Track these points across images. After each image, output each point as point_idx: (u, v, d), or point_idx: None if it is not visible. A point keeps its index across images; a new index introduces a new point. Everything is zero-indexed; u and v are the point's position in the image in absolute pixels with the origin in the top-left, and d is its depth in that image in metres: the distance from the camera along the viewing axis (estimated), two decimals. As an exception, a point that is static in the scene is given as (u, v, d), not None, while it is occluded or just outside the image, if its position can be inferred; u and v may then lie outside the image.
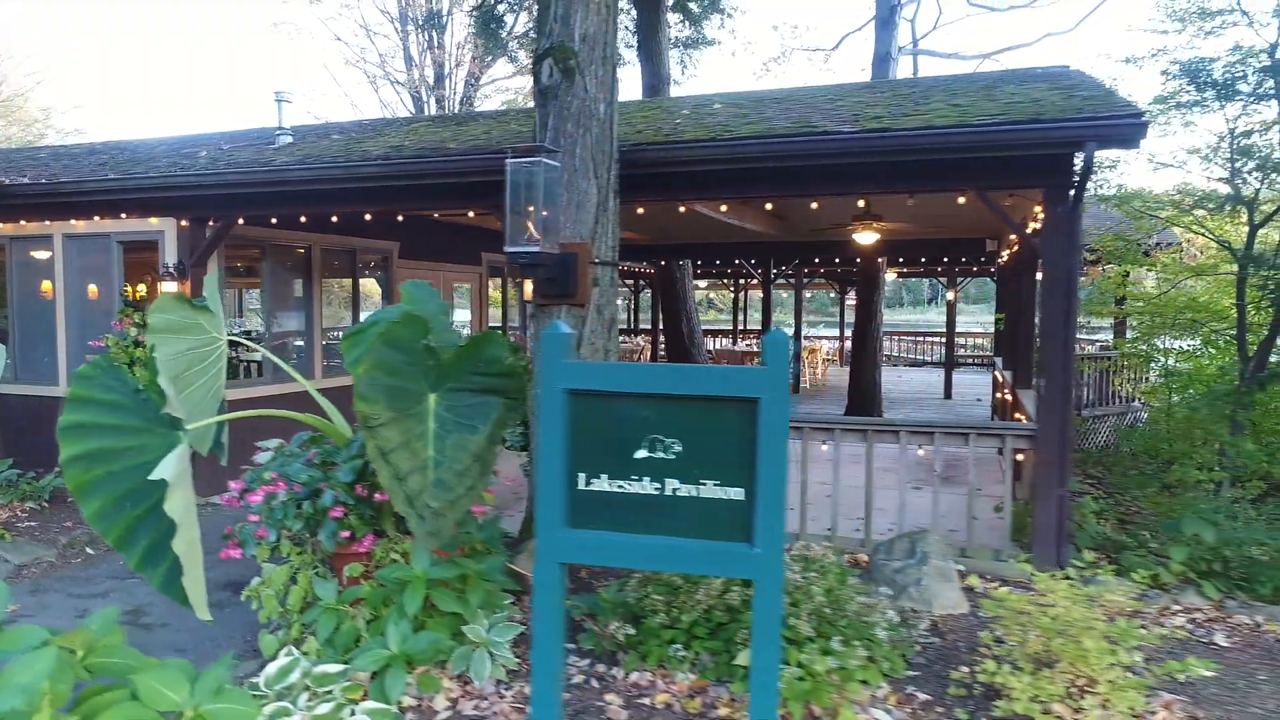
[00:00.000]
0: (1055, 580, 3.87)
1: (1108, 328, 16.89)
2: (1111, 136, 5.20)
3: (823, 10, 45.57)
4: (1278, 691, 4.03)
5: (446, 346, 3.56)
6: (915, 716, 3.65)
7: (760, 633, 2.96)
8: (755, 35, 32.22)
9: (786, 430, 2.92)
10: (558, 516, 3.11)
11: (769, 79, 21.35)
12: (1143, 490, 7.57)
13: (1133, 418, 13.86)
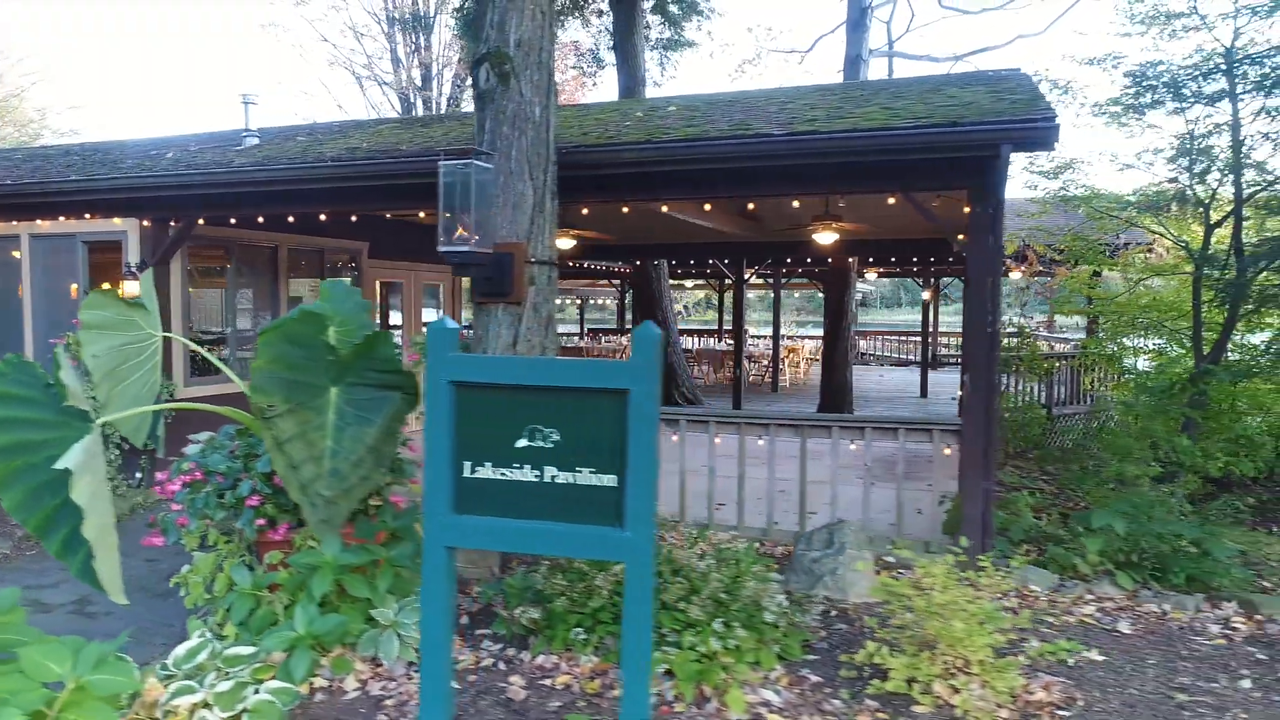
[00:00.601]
0: (934, 565, 4.02)
1: (1082, 327, 17.03)
2: (1026, 139, 5.37)
3: (798, 13, 45.81)
4: (1161, 674, 4.19)
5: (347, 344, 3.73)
6: (803, 696, 3.81)
7: (631, 612, 3.12)
8: (733, 37, 32.44)
9: (656, 420, 3.07)
10: (444, 503, 3.27)
11: (744, 80, 21.52)
12: (1085, 486, 7.72)
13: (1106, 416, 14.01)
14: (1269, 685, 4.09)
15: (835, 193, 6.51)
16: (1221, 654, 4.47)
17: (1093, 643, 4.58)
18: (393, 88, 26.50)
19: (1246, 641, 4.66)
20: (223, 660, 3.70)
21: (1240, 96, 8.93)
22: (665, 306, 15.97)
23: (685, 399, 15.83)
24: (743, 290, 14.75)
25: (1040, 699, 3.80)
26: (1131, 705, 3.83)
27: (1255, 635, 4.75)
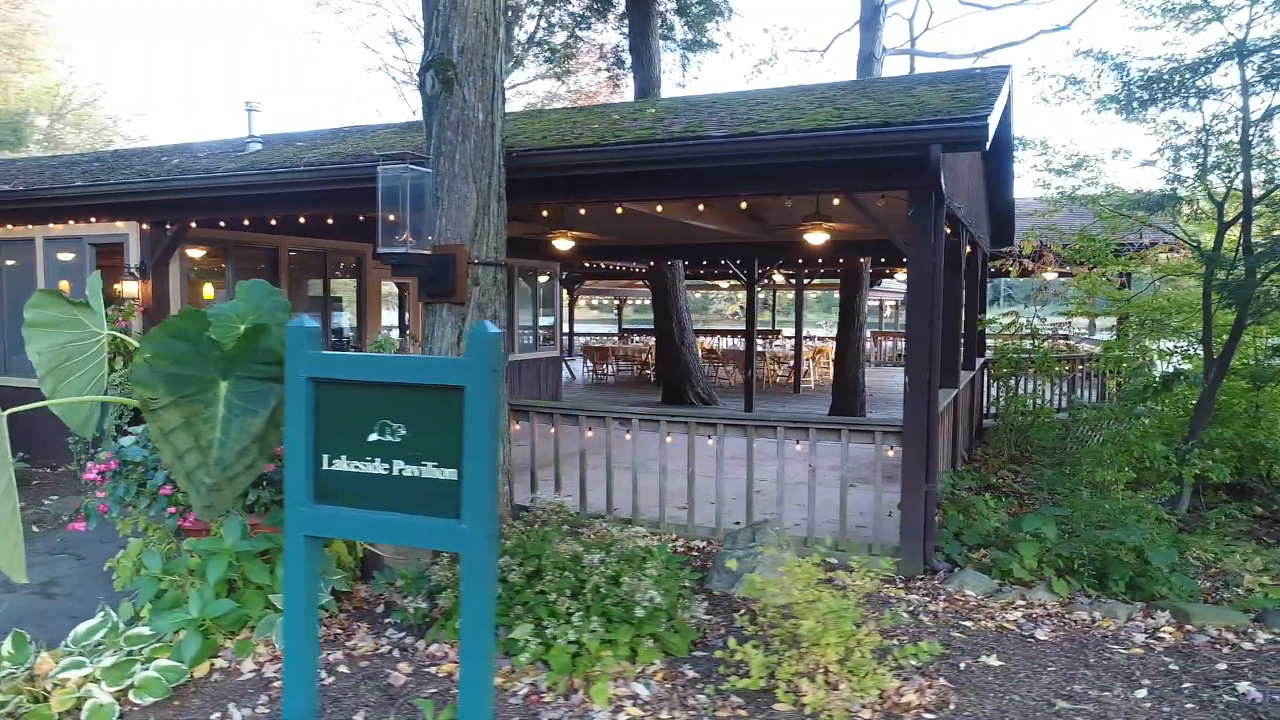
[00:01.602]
0: (801, 563, 4.03)
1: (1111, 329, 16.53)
2: (957, 139, 5.32)
3: (816, 12, 45.31)
4: (1055, 682, 4.13)
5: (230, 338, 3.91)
6: (674, 690, 3.87)
7: (469, 604, 3.22)
8: (753, 38, 32.46)
9: (490, 416, 3.16)
10: (304, 493, 3.42)
11: (759, 80, 21.40)
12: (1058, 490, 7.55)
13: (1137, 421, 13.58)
14: (1165, 696, 4.00)
15: (783, 194, 6.51)
16: (1132, 663, 4.39)
17: (1002, 649, 4.53)
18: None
19: (1166, 651, 4.55)
20: (125, 640, 3.92)
21: (1254, 90, 8.63)
22: (680, 307, 16.02)
23: (700, 399, 15.86)
24: (754, 291, 14.71)
25: (910, 701, 3.79)
26: (1004, 711, 3.79)
27: (1177, 645, 4.63)
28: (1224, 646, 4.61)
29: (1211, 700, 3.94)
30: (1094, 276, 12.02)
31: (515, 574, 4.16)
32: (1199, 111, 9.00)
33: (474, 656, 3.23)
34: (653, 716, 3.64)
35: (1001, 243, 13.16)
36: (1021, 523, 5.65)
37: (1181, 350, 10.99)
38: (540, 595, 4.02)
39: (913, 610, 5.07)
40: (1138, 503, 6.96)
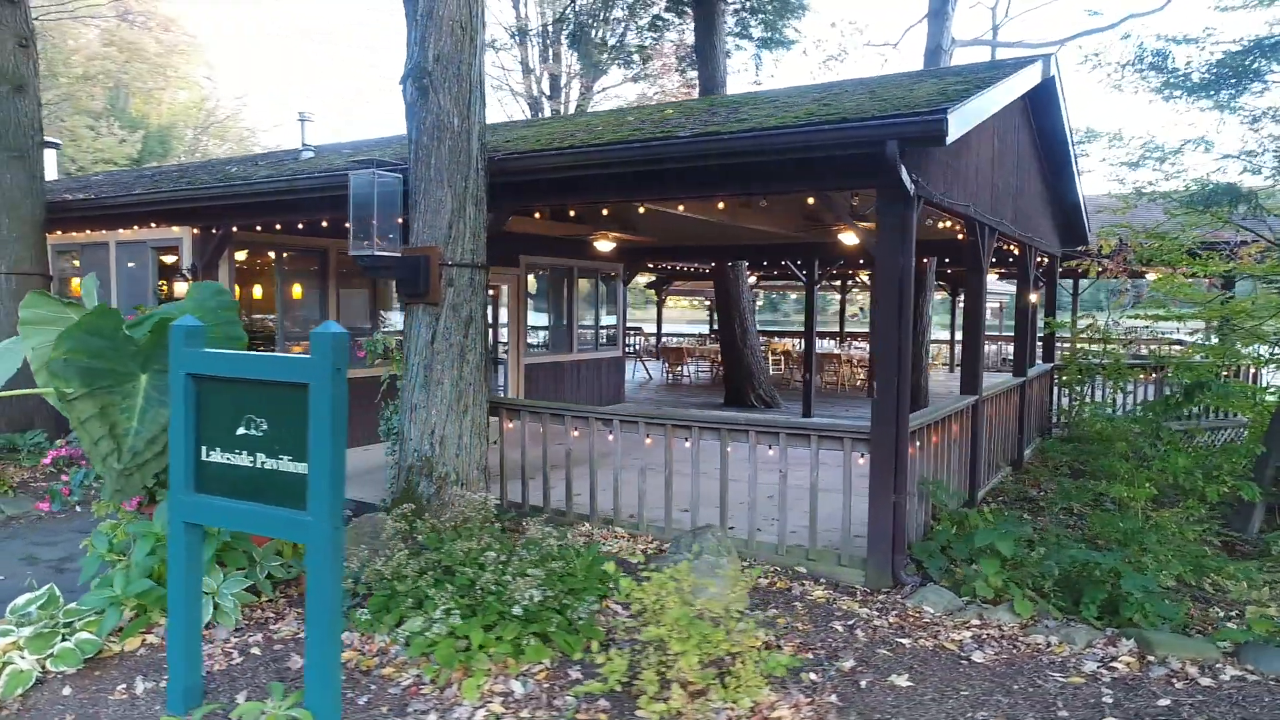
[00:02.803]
0: (664, 572, 3.95)
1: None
2: (915, 135, 5.08)
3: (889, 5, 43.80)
4: (959, 708, 3.90)
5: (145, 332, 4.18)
6: (549, 690, 3.88)
7: (314, 593, 3.36)
8: (826, 34, 32.07)
9: (332, 412, 3.28)
10: (186, 483, 3.64)
11: (827, 75, 20.98)
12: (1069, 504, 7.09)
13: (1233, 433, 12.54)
14: (1076, 729, 3.73)
15: (753, 194, 6.37)
16: (1063, 693, 4.09)
17: (923, 670, 4.32)
18: (523, 96, 27.72)
19: (1111, 683, 4.22)
20: (63, 614, 4.26)
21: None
22: (743, 308, 15.86)
23: (762, 401, 15.67)
24: (813, 292, 14.39)
25: (783, 716, 3.67)
26: (879, 732, 3.62)
27: (1126, 677, 4.29)
28: (1179, 681, 4.24)
29: (1125, 738, 3.64)
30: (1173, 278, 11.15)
31: (410, 568, 4.27)
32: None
33: (318, 644, 3.35)
34: (514, 714, 3.68)
35: (1073, 242, 12.40)
36: (974, 538, 5.34)
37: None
38: (429, 590, 4.11)
39: (851, 625, 4.89)
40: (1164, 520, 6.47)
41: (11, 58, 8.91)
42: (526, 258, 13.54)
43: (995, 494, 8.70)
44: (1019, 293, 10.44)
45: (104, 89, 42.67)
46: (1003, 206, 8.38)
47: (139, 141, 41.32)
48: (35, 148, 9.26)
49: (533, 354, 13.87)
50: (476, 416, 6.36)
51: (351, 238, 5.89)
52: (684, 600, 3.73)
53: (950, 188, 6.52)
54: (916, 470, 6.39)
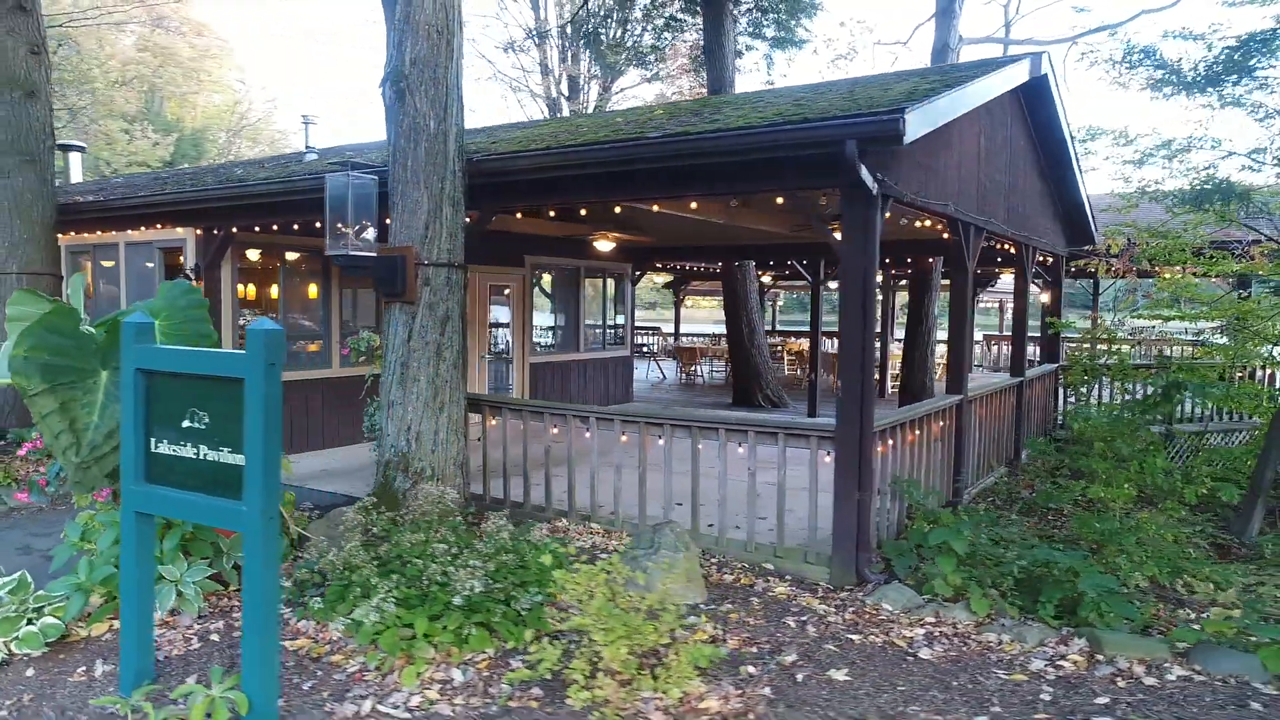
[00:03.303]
0: (597, 564, 4.02)
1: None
2: (873, 135, 5.11)
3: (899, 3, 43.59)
4: (892, 702, 3.93)
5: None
6: (488, 678, 3.97)
7: (250, 580, 3.49)
8: (837, 33, 32.18)
9: (266, 406, 3.40)
10: (136, 473, 3.79)
11: (836, 73, 20.96)
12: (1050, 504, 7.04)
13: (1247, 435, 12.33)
14: (1005, 725, 3.75)
15: (722, 194, 6.42)
16: (1001, 690, 4.11)
17: (865, 665, 4.35)
18: (542, 98, 27.90)
19: (1053, 681, 4.23)
20: (34, 599, 4.43)
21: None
22: (750, 308, 15.87)
23: (769, 401, 15.68)
24: (819, 292, 14.37)
25: (710, 707, 3.73)
26: (799, 717, 3.67)
27: (1070, 676, 4.29)
28: (1123, 680, 4.24)
29: (1052, 735, 3.66)
30: (1178, 278, 11.00)
31: (362, 558, 4.39)
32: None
33: (253, 628, 3.48)
34: (448, 700, 3.78)
35: (1079, 241, 12.26)
36: (927, 536, 5.35)
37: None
38: (374, 579, 4.22)
39: (804, 621, 4.93)
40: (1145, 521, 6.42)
41: (24, 64, 9.21)
42: (532, 258, 13.68)
43: (987, 494, 8.66)
44: (1016, 293, 10.37)
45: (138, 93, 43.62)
46: (992, 205, 8.34)
47: (172, 144, 42.20)
48: (47, 152, 9.55)
49: (540, 353, 14.00)
50: (453, 413, 6.48)
51: (328, 238, 6.04)
52: (614, 591, 3.81)
53: (925, 186, 6.52)
54: (889, 469, 6.40)
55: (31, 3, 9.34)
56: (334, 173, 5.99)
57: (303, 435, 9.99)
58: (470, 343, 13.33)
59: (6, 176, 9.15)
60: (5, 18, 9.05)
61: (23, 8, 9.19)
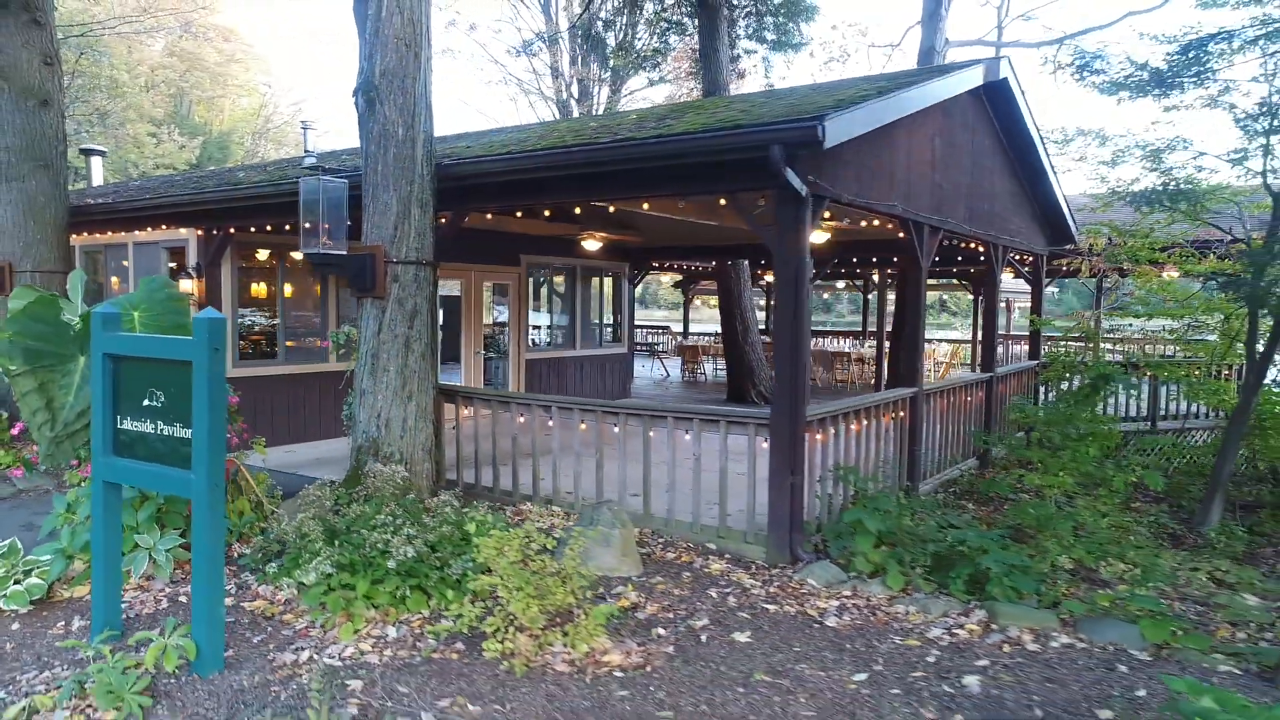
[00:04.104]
0: (512, 531, 4.42)
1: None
2: (795, 140, 5.45)
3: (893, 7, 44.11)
4: (781, 660, 4.30)
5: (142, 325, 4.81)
6: (419, 634, 4.39)
7: (198, 543, 3.93)
8: (834, 35, 32.82)
9: (210, 385, 3.85)
10: (104, 447, 4.25)
11: (828, 75, 21.30)
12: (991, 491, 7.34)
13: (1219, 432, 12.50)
14: (883, 681, 4.10)
15: (669, 195, 6.79)
16: (891, 652, 4.46)
17: (769, 630, 4.72)
18: (553, 100, 28.38)
19: (945, 647, 4.57)
20: (23, 563, 4.92)
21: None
22: (744, 306, 16.23)
23: (762, 398, 15.99)
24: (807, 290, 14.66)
25: (612, 660, 4.13)
26: (695, 675, 4.05)
27: (962, 641, 4.64)
28: (1008, 646, 4.58)
29: (922, 688, 4.01)
30: (1152, 276, 11.22)
31: (314, 529, 4.83)
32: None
33: (201, 582, 3.93)
34: (379, 652, 4.20)
35: (1060, 241, 12.49)
36: (844, 516, 5.70)
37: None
38: (319, 545, 4.66)
39: (726, 592, 5.30)
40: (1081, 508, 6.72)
41: (38, 75, 9.78)
42: (528, 257, 14.13)
43: (948, 485, 8.97)
44: (987, 291, 10.64)
45: (166, 97, 44.74)
46: (951, 205, 8.64)
47: (198, 147, 43.26)
48: (59, 157, 10.12)
49: (536, 350, 14.44)
50: (421, 402, 6.92)
51: (302, 237, 6.51)
52: (527, 555, 4.21)
53: (868, 188, 6.85)
54: (830, 456, 6.75)
55: (45, 16, 9.92)
56: (308, 177, 6.46)
57: (299, 426, 10.50)
58: (466, 339, 13.86)
59: (21, 181, 9.73)
60: (20, 31, 9.64)
61: (37, 22, 9.77)
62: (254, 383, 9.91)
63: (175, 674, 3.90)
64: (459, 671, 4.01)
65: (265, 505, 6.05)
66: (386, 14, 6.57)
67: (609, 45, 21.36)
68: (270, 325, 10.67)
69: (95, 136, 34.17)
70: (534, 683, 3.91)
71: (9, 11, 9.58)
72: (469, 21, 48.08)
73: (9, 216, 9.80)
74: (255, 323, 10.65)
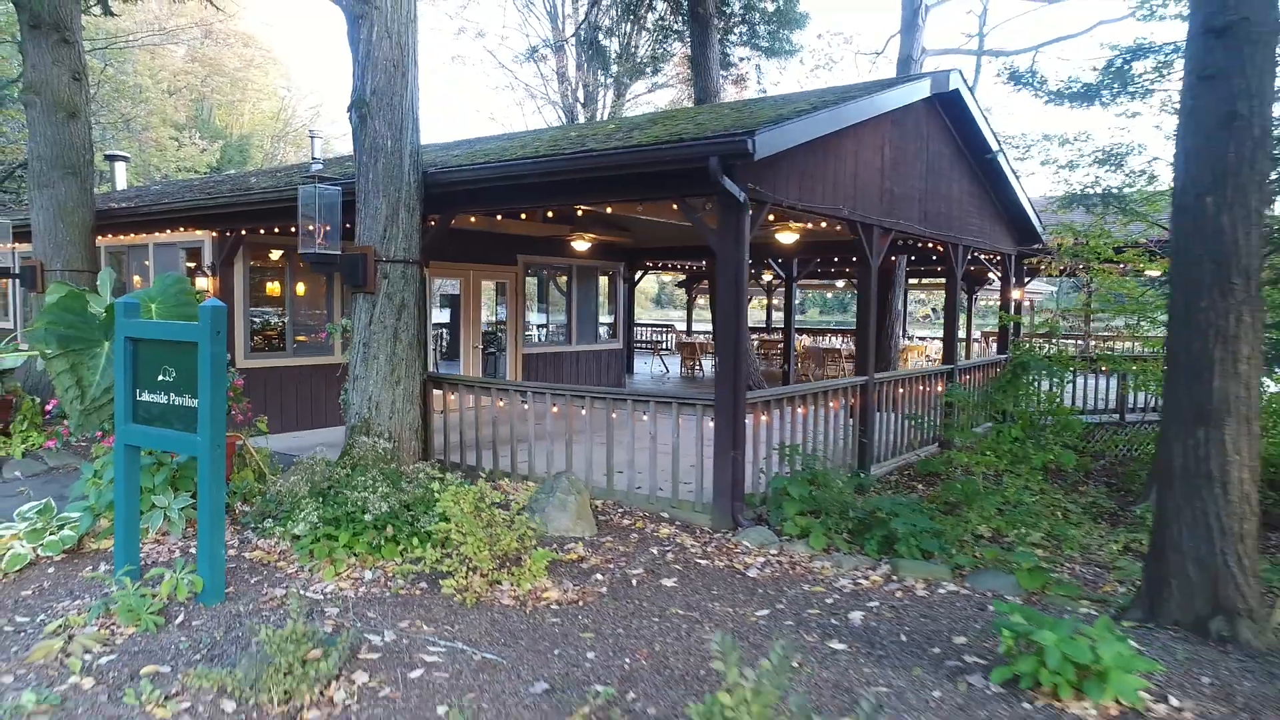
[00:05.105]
0: (456, 486, 5.16)
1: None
2: (729, 152, 6.17)
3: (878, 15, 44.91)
4: (698, 600, 5.02)
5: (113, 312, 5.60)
6: (390, 576, 5.15)
7: (204, 495, 4.71)
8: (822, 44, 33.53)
9: (213, 363, 4.62)
10: (125, 416, 5.04)
11: (815, 82, 21.96)
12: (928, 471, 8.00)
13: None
14: (780, 615, 4.81)
15: (629, 200, 7.51)
16: (796, 596, 5.17)
17: (695, 578, 5.44)
18: (560, 105, 29.17)
19: (848, 593, 5.27)
20: (56, 519, 5.73)
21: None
22: (734, 304, 16.92)
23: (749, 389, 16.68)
24: (792, 289, 15.37)
25: (551, 596, 4.87)
26: (619, 608, 4.78)
27: (862, 589, 5.34)
28: (900, 592, 5.28)
29: (812, 621, 4.72)
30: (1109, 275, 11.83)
31: (303, 489, 5.60)
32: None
33: (205, 526, 4.71)
34: (354, 589, 4.97)
35: (1028, 241, 13.10)
36: (773, 483, 6.40)
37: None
38: (304, 501, 5.43)
39: (666, 550, 6.03)
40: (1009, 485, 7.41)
41: (67, 89, 10.65)
42: (524, 257, 14.88)
43: (905, 468, 9.65)
44: (948, 287, 11.29)
45: (188, 101, 45.93)
46: (904, 208, 9.32)
47: (218, 151, 44.41)
48: (86, 165, 10.98)
49: (533, 345, 15.20)
50: (409, 386, 7.69)
51: (300, 238, 7.29)
52: (479, 507, 4.96)
53: (811, 193, 7.56)
54: (775, 436, 7.46)
55: (73, 36, 10.79)
56: (305, 185, 7.24)
57: (306, 414, 11.32)
58: (465, 335, 14.64)
59: (51, 187, 10.60)
60: (51, 50, 10.50)
61: (66, 41, 10.63)
62: (265, 373, 10.74)
63: (185, 603, 4.69)
64: (420, 603, 4.77)
65: (266, 475, 6.84)
66: (376, 39, 7.34)
67: (610, 53, 22.13)
68: (280, 321, 11.48)
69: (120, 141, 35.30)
70: (482, 611, 4.66)
71: (41, 32, 10.46)
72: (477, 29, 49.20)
73: (41, 220, 10.68)
74: (266, 318, 11.47)
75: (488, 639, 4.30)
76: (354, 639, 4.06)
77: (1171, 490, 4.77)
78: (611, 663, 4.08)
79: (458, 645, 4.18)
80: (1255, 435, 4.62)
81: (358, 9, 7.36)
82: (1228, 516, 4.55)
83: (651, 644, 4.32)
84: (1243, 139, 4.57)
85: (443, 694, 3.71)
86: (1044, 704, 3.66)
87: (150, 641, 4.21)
